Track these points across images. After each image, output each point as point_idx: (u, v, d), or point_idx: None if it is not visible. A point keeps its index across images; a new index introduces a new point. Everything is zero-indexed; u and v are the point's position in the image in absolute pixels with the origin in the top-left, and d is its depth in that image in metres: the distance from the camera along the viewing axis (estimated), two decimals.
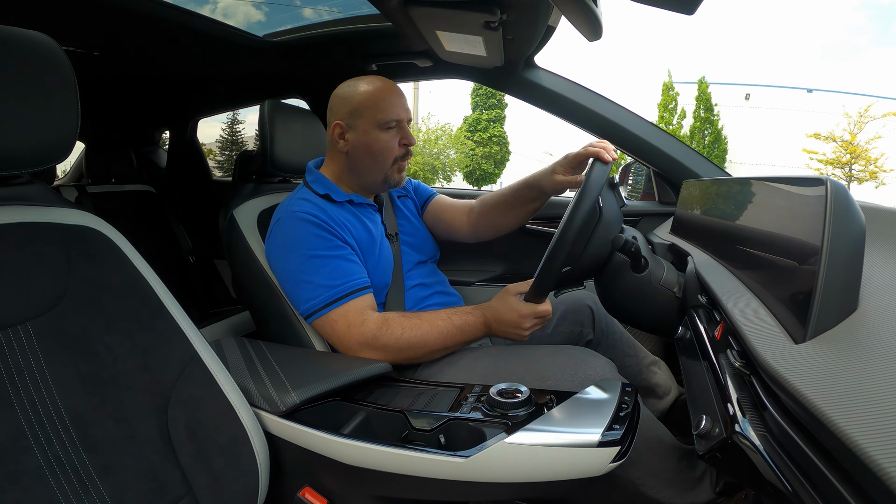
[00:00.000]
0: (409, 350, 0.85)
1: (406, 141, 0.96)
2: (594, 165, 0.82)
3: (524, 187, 1.03)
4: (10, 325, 0.54)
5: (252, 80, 1.83)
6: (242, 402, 0.68)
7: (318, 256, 0.87)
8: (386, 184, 0.99)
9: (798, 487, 0.36)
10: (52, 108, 0.56)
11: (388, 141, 0.95)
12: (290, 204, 0.93)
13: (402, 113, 0.96)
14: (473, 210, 1.13)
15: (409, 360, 0.87)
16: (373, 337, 0.83)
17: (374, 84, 0.96)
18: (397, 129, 0.96)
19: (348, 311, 0.85)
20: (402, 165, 0.98)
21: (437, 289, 1.05)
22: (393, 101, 0.95)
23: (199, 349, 0.67)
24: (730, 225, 0.82)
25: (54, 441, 0.53)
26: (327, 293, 0.85)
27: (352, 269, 0.89)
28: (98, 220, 0.65)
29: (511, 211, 1.08)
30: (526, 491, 0.62)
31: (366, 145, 0.95)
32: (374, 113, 0.93)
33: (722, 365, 0.55)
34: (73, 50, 1.43)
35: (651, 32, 41.15)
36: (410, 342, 0.84)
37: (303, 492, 0.70)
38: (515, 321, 0.85)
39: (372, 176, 0.98)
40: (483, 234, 1.14)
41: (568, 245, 0.77)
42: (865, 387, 0.34)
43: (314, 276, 0.86)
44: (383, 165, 0.96)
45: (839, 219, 0.44)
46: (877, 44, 41.03)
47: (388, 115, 0.94)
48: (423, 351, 0.86)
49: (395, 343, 0.84)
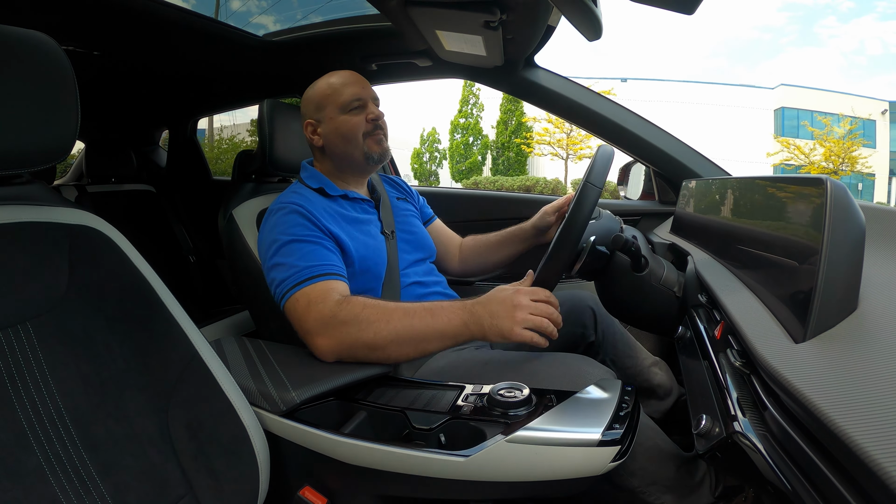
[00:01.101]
0: (369, 329, 0.75)
1: (371, 115, 0.99)
2: (598, 150, 0.85)
3: (515, 231, 1.17)
4: (11, 324, 0.54)
5: (252, 80, 1.83)
6: (243, 401, 0.68)
7: (294, 241, 0.86)
8: (368, 159, 1.00)
9: (798, 487, 0.36)
10: (52, 108, 0.56)
11: (353, 120, 0.98)
12: (278, 198, 0.96)
13: (361, 91, 0.99)
14: (464, 245, 1.24)
15: (372, 344, 0.75)
16: (330, 315, 0.76)
17: (331, 76, 1.01)
18: (360, 108, 0.99)
19: (313, 290, 0.81)
20: (378, 137, 1.00)
21: (436, 289, 1.05)
22: (349, 84, 0.99)
23: (200, 349, 0.67)
24: (730, 224, 0.82)
25: (55, 440, 0.53)
26: (298, 275, 0.82)
27: (327, 256, 0.86)
28: (98, 219, 0.65)
29: (500, 251, 1.19)
30: (526, 490, 0.62)
31: (335, 130, 0.99)
32: (334, 100, 0.98)
33: (722, 364, 0.55)
34: (73, 50, 1.43)
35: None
36: (371, 318, 0.75)
37: (303, 491, 0.70)
38: (508, 299, 0.75)
39: (351, 157, 1.00)
40: (469, 270, 1.22)
41: (573, 239, 0.79)
42: (865, 386, 0.34)
43: (287, 258, 0.84)
44: (356, 143, 0.99)
45: (839, 218, 0.44)
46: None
47: (347, 97, 0.98)
48: (386, 331, 0.75)
49: (355, 318, 0.75)
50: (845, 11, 38.61)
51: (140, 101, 2.18)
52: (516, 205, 1.63)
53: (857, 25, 39.15)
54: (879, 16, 38.03)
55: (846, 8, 38.45)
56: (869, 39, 38.57)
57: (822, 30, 40.52)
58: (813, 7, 39.71)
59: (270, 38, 1.49)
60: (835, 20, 39.48)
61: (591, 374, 0.79)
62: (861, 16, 39.44)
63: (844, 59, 39.83)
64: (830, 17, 39.54)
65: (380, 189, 1.11)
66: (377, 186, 1.11)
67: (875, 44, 38.15)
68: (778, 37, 43.08)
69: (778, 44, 43.28)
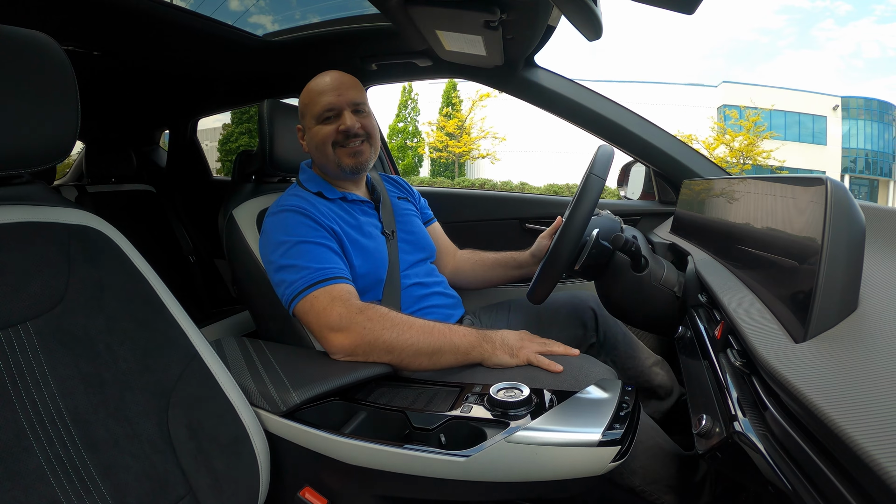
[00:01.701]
0: (393, 331, 0.79)
1: (342, 126, 0.96)
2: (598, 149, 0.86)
3: (513, 256, 1.17)
4: (11, 324, 0.54)
5: (252, 80, 1.83)
6: (243, 401, 0.68)
7: (302, 242, 0.87)
8: (341, 169, 0.98)
9: (798, 486, 0.36)
10: (52, 108, 0.56)
11: (323, 130, 0.97)
12: (279, 200, 0.96)
13: (335, 100, 0.96)
14: (460, 256, 1.24)
15: (391, 345, 0.79)
16: (357, 311, 0.80)
17: (315, 81, 0.99)
18: (334, 118, 0.97)
19: (334, 289, 0.83)
20: (352, 150, 0.97)
21: (437, 289, 1.05)
22: (325, 92, 0.96)
23: (200, 349, 0.67)
24: (730, 224, 0.82)
25: (55, 441, 0.53)
26: (310, 276, 0.83)
27: (336, 259, 0.88)
28: (98, 219, 0.65)
29: (494, 271, 1.19)
30: (526, 490, 0.62)
31: (311, 140, 0.99)
32: (311, 109, 0.98)
33: (722, 364, 0.55)
34: (73, 50, 1.43)
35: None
36: (395, 322, 0.80)
37: (303, 491, 0.70)
38: (519, 334, 0.85)
39: (327, 167, 1.00)
40: (460, 282, 1.21)
41: (574, 238, 0.79)
42: (865, 386, 0.34)
43: (297, 261, 0.85)
44: (327, 154, 0.97)
45: (839, 218, 0.44)
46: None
47: (320, 108, 0.96)
48: (407, 336, 0.79)
49: (380, 318, 0.80)
50: (843, 14, 38.73)
51: (140, 101, 2.18)
52: (518, 205, 1.63)
53: (855, 28, 39.31)
54: (877, 19, 38.17)
55: (844, 11, 38.57)
56: (866, 42, 38.72)
57: (819, 33, 40.69)
58: (811, 10, 39.88)
59: (270, 37, 1.49)
60: (833, 23, 39.62)
61: (592, 371, 0.79)
62: (859, 19, 39.60)
63: (842, 61, 40.01)
64: (828, 20, 39.67)
65: (380, 189, 1.11)
66: (377, 186, 1.11)
67: (872, 47, 38.28)
68: (776, 39, 43.30)
69: (776, 46, 43.52)
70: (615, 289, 0.92)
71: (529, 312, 1.10)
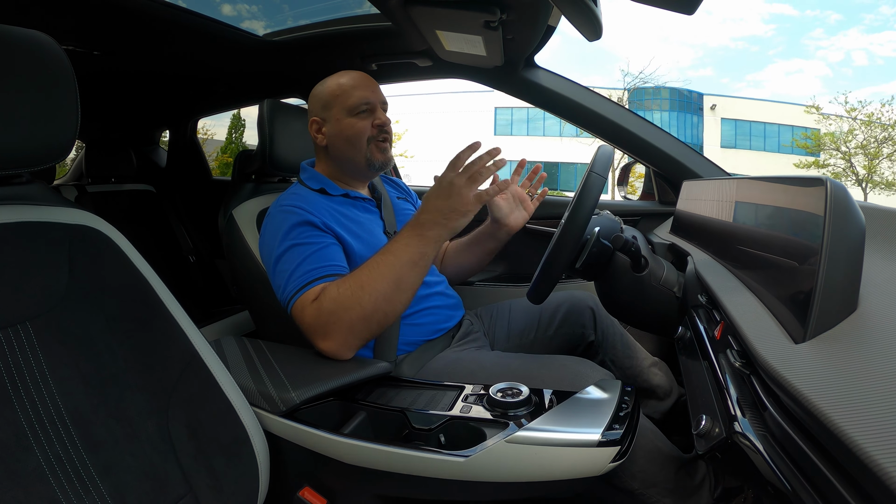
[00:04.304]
0: (354, 305, 0.76)
1: (377, 121, 0.98)
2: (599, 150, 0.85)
3: (480, 229, 1.10)
4: (11, 324, 0.54)
5: (252, 80, 1.83)
6: (243, 401, 0.68)
7: (294, 245, 0.86)
8: (370, 165, 0.99)
9: (798, 487, 0.36)
10: (52, 108, 0.56)
11: (359, 124, 0.97)
12: (277, 200, 0.95)
13: (370, 95, 0.98)
14: (447, 247, 1.21)
15: (364, 315, 0.77)
16: (316, 314, 0.79)
17: (342, 76, 1.00)
18: (368, 112, 0.98)
19: (306, 295, 0.81)
20: (382, 146, 0.99)
21: (437, 289, 1.05)
22: (359, 87, 0.97)
23: (200, 349, 0.67)
24: (729, 225, 0.82)
25: (55, 441, 0.53)
26: (298, 280, 0.83)
27: (325, 258, 0.86)
28: (98, 219, 0.65)
29: (470, 251, 1.14)
30: (526, 490, 0.62)
31: (340, 133, 0.98)
32: (342, 101, 0.97)
33: (722, 365, 0.55)
34: (72, 49, 1.43)
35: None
36: (347, 295, 0.77)
37: (303, 491, 0.70)
38: (440, 189, 0.76)
39: (353, 161, 0.99)
40: (449, 275, 1.17)
41: (571, 242, 0.79)
42: (865, 387, 0.34)
43: (292, 264, 0.84)
44: (360, 148, 0.98)
45: (839, 219, 0.44)
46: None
47: (356, 100, 0.96)
48: (367, 297, 0.76)
49: (335, 305, 0.77)
50: (833, 24, 38.87)
51: (140, 101, 2.18)
52: None
53: (844, 37, 39.42)
54: (866, 28, 38.32)
55: (833, 20, 38.73)
56: (855, 51, 38.89)
57: (809, 41, 40.85)
58: (801, 19, 40.02)
59: (270, 37, 1.48)
60: (822, 32, 39.77)
61: (589, 376, 0.79)
62: (848, 28, 39.71)
63: (831, 70, 40.14)
64: (818, 30, 39.82)
65: (380, 189, 1.11)
66: (378, 186, 1.11)
67: (861, 55, 38.40)
68: (766, 48, 43.43)
69: (766, 55, 43.65)
70: (615, 289, 0.92)
71: (529, 312, 1.11)
